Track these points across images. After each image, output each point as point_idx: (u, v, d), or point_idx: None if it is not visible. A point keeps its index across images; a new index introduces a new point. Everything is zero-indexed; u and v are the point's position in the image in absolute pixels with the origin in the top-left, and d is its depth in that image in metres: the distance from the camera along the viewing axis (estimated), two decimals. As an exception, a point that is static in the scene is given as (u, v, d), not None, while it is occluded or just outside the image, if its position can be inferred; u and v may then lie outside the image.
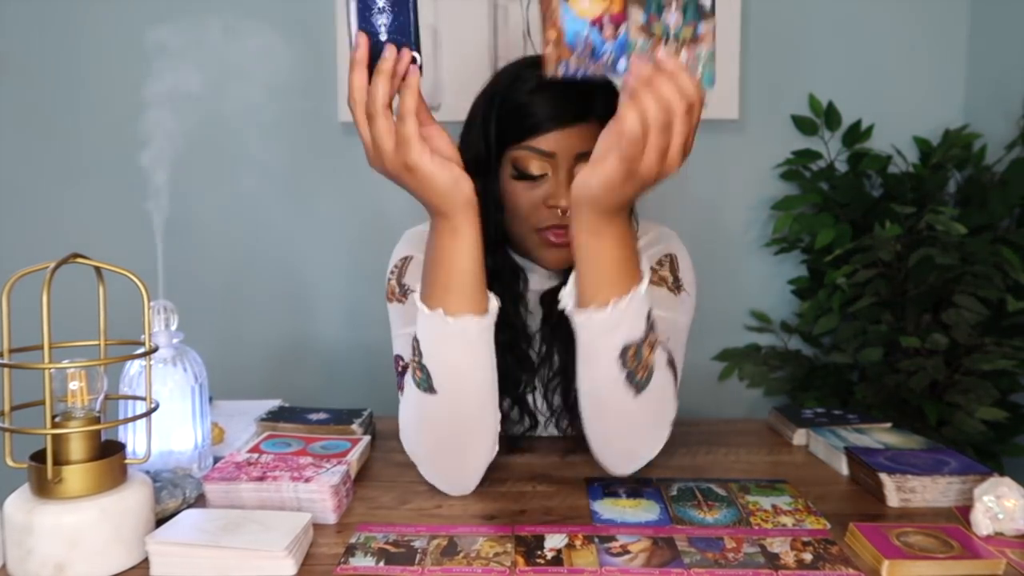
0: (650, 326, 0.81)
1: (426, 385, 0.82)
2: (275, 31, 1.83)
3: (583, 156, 0.94)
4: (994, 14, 1.77)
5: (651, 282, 0.85)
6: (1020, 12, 1.69)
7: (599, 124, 0.79)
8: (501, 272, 1.01)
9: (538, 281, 1.06)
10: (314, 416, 1.07)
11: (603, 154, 0.72)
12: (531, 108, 0.96)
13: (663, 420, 0.88)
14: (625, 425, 0.85)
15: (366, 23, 0.73)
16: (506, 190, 0.99)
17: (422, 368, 0.82)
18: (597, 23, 0.67)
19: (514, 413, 1.02)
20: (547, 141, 0.95)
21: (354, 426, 1.03)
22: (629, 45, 0.67)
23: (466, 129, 1.05)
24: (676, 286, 1.03)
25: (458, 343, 0.80)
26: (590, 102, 0.95)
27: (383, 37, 0.73)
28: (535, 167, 0.96)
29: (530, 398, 1.04)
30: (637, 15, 0.66)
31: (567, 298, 0.81)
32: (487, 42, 1.79)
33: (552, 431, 1.07)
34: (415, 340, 0.83)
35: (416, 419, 0.86)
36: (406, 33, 0.73)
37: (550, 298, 0.99)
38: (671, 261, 1.06)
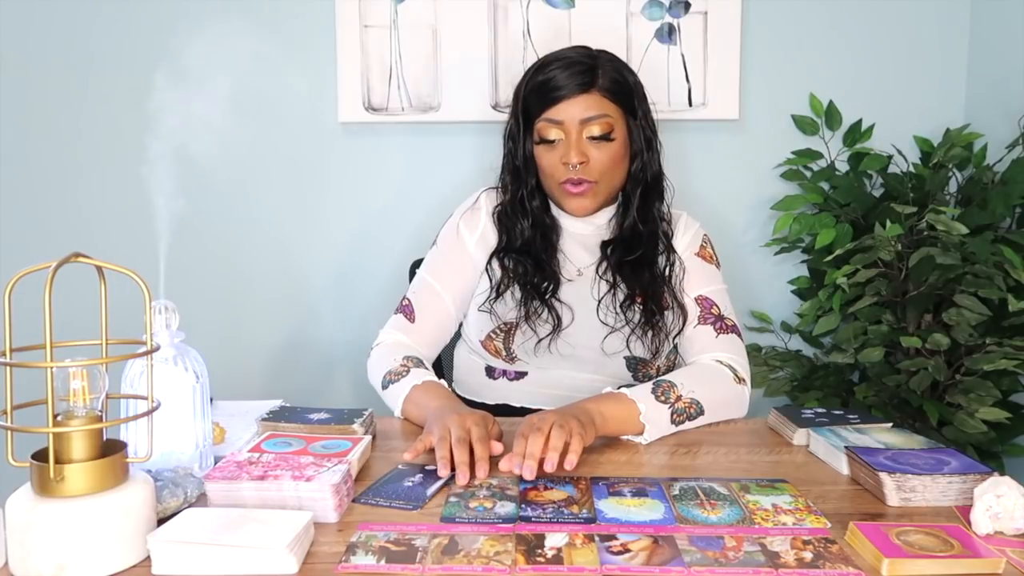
0: (674, 411, 1.10)
1: (384, 385, 1.21)
2: (276, 31, 1.83)
3: (586, 121, 1.22)
4: (995, 14, 1.77)
5: (704, 259, 1.32)
6: (1020, 12, 1.69)
7: (600, 94, 1.22)
8: (539, 221, 1.31)
9: (580, 227, 1.33)
10: (315, 416, 1.07)
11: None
12: (545, 87, 1.23)
13: (734, 403, 1.20)
14: (710, 419, 1.16)
15: None
16: (536, 155, 1.27)
17: (387, 386, 1.20)
18: None
19: (544, 315, 1.24)
20: (557, 111, 1.22)
21: (355, 426, 1.03)
22: None
23: (508, 119, 1.32)
24: (717, 261, 1.35)
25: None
26: (592, 77, 1.22)
27: None
28: (551, 133, 1.24)
29: (557, 305, 1.26)
30: None
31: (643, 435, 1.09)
32: (487, 42, 1.79)
33: (579, 327, 1.26)
34: (405, 372, 1.19)
35: (378, 369, 1.24)
36: None
37: (604, 245, 1.32)
38: (709, 241, 1.36)
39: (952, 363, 1.57)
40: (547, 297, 1.25)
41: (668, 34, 1.79)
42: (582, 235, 1.33)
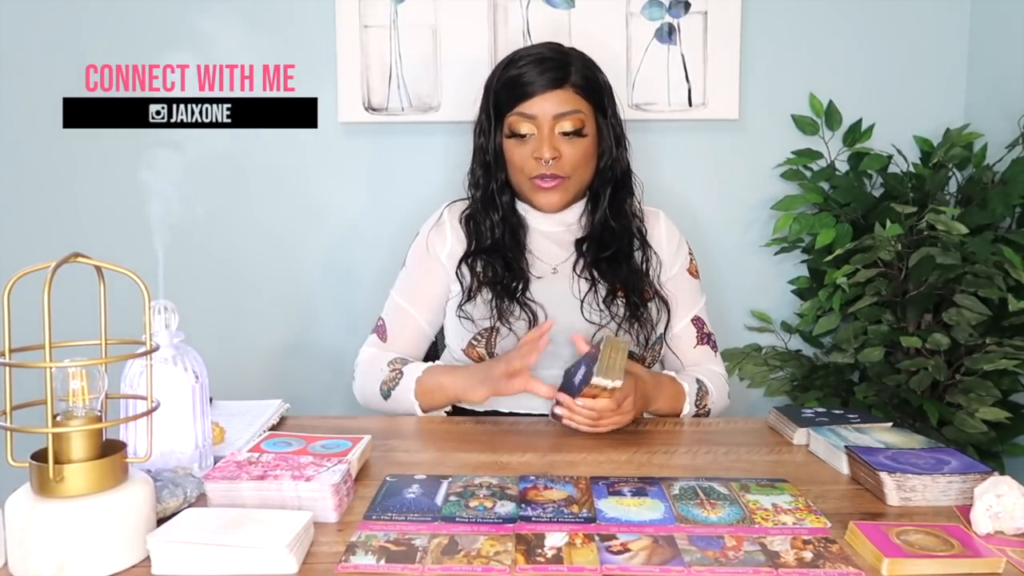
0: (695, 414, 1.24)
1: (385, 395, 1.24)
2: (276, 31, 1.83)
3: (559, 116, 1.23)
4: (995, 14, 1.77)
5: (692, 275, 1.35)
6: (1020, 12, 1.69)
7: (572, 90, 1.23)
8: (509, 217, 1.31)
9: (549, 224, 1.33)
10: None
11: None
12: (518, 81, 1.23)
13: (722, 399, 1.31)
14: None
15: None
16: (505, 149, 1.28)
17: (388, 394, 1.23)
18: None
19: (518, 312, 1.25)
20: (531, 106, 1.23)
21: None
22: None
23: (479, 113, 1.32)
24: (698, 272, 1.37)
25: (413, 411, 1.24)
26: (565, 73, 1.23)
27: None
28: (523, 128, 1.24)
29: (531, 304, 1.26)
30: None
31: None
32: (487, 42, 1.79)
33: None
34: (400, 374, 1.24)
35: (370, 385, 1.27)
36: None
37: (579, 243, 1.32)
38: (692, 252, 1.38)
39: (952, 363, 1.57)
40: (518, 295, 1.26)
41: (668, 34, 1.79)
42: (552, 232, 1.33)
